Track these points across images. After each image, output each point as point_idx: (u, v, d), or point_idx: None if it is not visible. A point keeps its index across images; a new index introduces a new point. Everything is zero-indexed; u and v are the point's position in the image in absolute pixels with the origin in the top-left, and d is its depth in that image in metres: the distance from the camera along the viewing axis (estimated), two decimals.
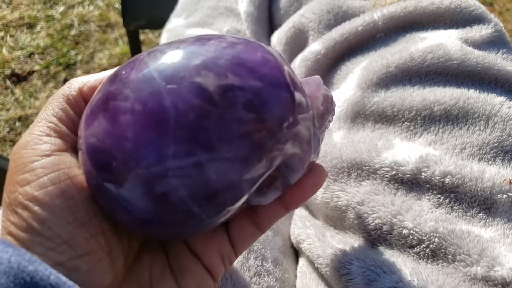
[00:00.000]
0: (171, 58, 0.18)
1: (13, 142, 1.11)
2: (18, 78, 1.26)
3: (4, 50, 1.33)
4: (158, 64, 0.18)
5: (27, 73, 1.27)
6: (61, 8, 1.48)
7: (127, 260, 0.21)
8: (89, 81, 0.22)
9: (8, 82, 1.24)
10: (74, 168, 0.19)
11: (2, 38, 1.37)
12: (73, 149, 0.20)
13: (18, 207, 0.17)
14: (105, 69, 1.28)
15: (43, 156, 0.18)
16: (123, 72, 0.18)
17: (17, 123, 1.15)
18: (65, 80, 1.25)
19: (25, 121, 1.15)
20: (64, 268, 0.17)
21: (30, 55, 1.32)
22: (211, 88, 0.17)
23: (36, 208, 0.17)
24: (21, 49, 1.33)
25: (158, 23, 0.67)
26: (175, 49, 0.18)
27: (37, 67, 1.28)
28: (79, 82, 0.22)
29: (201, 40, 0.19)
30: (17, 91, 1.22)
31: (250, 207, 0.23)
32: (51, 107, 0.20)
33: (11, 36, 1.38)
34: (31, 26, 1.41)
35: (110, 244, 0.19)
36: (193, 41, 0.19)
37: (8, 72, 1.27)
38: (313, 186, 0.23)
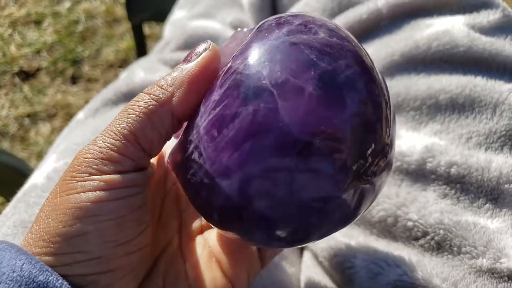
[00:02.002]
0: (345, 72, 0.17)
1: (23, 139, 1.12)
2: (26, 75, 1.27)
3: (12, 47, 1.34)
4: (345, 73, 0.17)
5: (35, 70, 1.28)
6: (67, 4, 1.48)
7: (146, 271, 0.21)
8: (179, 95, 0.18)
9: (17, 79, 1.25)
10: (134, 188, 0.18)
11: (10, 35, 1.38)
12: (139, 168, 0.19)
13: (66, 209, 0.17)
14: (111, 64, 1.28)
15: (106, 173, 0.18)
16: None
17: (26, 120, 1.16)
18: (73, 77, 1.26)
19: (34, 117, 1.16)
20: (83, 279, 0.17)
21: (38, 51, 1.33)
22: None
23: (83, 219, 0.17)
24: (29, 45, 1.34)
25: (162, 16, 0.66)
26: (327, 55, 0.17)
27: (44, 64, 1.29)
28: (167, 95, 0.18)
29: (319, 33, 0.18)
30: (26, 88, 1.23)
31: None
32: (127, 121, 0.18)
33: (19, 33, 1.39)
34: (38, 23, 1.42)
35: (142, 259, 0.19)
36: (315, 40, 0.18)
37: (16, 69, 1.28)
38: None
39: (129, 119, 0.18)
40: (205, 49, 0.19)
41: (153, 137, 0.18)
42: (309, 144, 0.16)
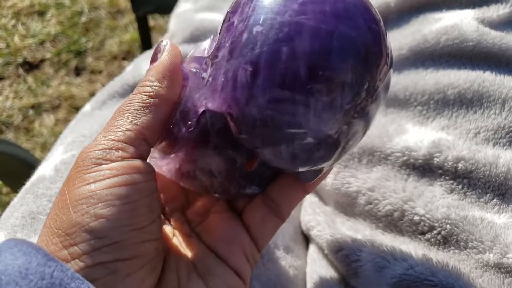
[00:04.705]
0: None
1: (27, 130, 1.12)
2: (30, 66, 1.27)
3: (16, 38, 1.33)
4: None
5: (39, 61, 1.28)
6: None
7: (161, 266, 0.20)
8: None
9: (21, 70, 1.25)
10: (142, 174, 0.19)
11: (14, 26, 1.38)
12: (143, 156, 0.19)
13: (78, 201, 0.17)
14: (115, 56, 1.28)
15: (113, 161, 0.18)
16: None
17: (30, 111, 1.16)
18: (76, 68, 1.26)
19: (38, 109, 1.16)
20: (104, 268, 0.17)
21: (42, 42, 1.32)
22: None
23: (97, 205, 0.17)
24: (33, 37, 1.34)
25: (167, 8, 0.66)
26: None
27: (48, 55, 1.29)
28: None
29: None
30: (30, 79, 1.24)
31: (266, 195, 0.23)
32: (131, 113, 0.19)
33: (22, 24, 1.38)
34: (41, 14, 1.42)
35: (157, 250, 0.19)
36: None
37: (20, 60, 1.28)
38: None
39: (127, 113, 0.19)
40: (164, 45, 0.21)
41: (155, 124, 0.19)
42: None
